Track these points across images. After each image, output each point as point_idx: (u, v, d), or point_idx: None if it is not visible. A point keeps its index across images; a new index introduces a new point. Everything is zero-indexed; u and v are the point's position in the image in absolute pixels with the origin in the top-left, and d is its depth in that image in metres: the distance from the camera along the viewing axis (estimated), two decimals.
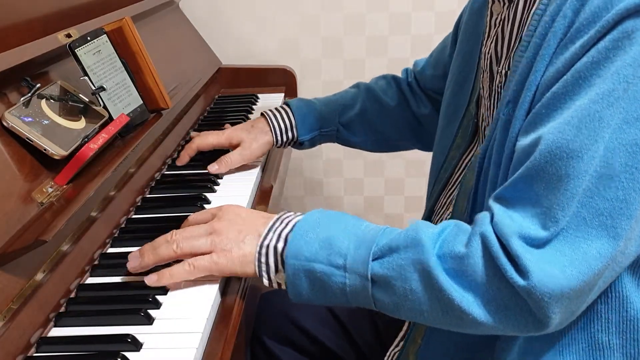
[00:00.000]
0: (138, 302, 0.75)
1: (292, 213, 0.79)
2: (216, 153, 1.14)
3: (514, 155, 0.69)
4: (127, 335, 0.69)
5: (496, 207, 0.67)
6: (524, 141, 0.67)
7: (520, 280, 0.62)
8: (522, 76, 0.69)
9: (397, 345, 0.95)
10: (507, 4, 0.78)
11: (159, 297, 0.76)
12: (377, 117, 1.18)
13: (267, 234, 0.76)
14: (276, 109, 1.17)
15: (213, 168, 1.09)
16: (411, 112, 1.18)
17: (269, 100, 1.59)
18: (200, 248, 0.76)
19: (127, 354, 0.67)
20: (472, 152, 0.90)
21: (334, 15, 1.78)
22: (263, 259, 0.75)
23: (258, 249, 0.75)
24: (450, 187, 0.92)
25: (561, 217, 0.62)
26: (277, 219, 0.78)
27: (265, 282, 0.76)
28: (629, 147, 0.61)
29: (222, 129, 1.18)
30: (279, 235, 0.75)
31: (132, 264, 0.78)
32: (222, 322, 0.75)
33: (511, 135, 0.69)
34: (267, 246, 0.75)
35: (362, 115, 1.18)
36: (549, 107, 0.65)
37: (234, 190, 1.06)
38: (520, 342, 0.74)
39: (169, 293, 0.78)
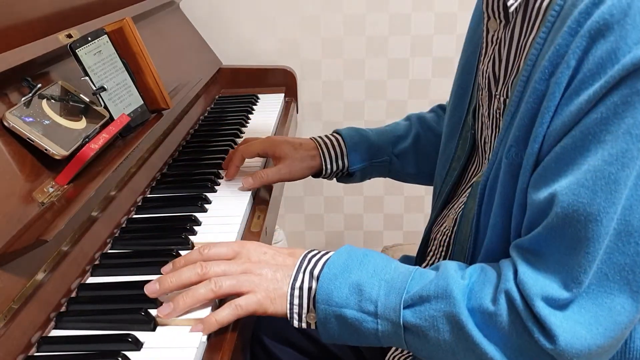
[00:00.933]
0: (139, 301, 0.75)
1: (317, 251, 0.78)
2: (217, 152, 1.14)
3: (526, 206, 0.69)
4: (128, 334, 0.69)
5: (519, 262, 0.67)
6: (536, 195, 0.66)
7: (547, 344, 0.63)
8: (523, 121, 0.68)
9: (396, 349, 0.95)
10: (503, 22, 0.77)
11: (161, 298, 0.76)
12: (431, 146, 1.10)
13: (296, 274, 0.75)
14: (326, 136, 1.11)
15: (247, 182, 1.04)
16: None
17: (269, 101, 1.59)
18: (241, 288, 0.74)
19: (127, 353, 0.67)
20: (474, 167, 0.89)
21: (334, 16, 1.78)
22: (296, 301, 0.74)
23: (289, 290, 0.74)
24: (452, 202, 0.92)
25: (584, 278, 0.62)
26: (304, 257, 0.77)
27: (296, 323, 0.75)
28: None
29: (255, 138, 1.14)
30: (311, 274, 0.75)
31: (163, 311, 0.73)
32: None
33: (521, 184, 0.69)
34: (300, 288, 0.74)
35: (416, 145, 1.12)
36: (558, 161, 0.64)
37: (234, 190, 1.06)
38: None
39: (169, 293, 0.78)
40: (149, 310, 0.73)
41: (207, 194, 1.03)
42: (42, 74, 0.91)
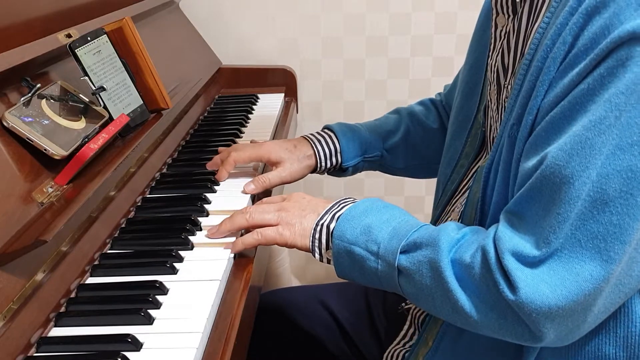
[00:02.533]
0: (138, 302, 0.75)
1: (351, 198, 0.86)
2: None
3: (518, 175, 0.71)
4: (127, 335, 0.69)
5: (501, 222, 0.70)
6: (526, 163, 0.69)
7: (510, 295, 0.66)
8: (524, 99, 0.70)
9: (398, 343, 0.95)
10: (511, 16, 0.79)
11: (159, 297, 0.76)
12: (421, 140, 1.15)
13: (324, 214, 0.84)
14: (318, 133, 1.13)
15: (249, 188, 1.05)
16: None
17: (269, 100, 1.59)
18: (269, 221, 0.86)
19: (127, 354, 0.67)
20: (480, 162, 0.90)
21: (334, 15, 1.78)
22: (317, 235, 0.83)
23: (314, 226, 0.83)
24: (457, 195, 0.92)
25: (553, 239, 0.64)
26: (337, 202, 0.86)
27: (317, 256, 0.84)
28: (624, 173, 0.62)
29: (254, 141, 1.14)
30: (333, 216, 0.83)
31: (211, 231, 0.90)
32: (222, 322, 0.75)
33: (516, 156, 0.71)
34: (322, 224, 0.83)
35: (406, 140, 1.15)
36: (547, 130, 0.67)
37: (234, 190, 1.06)
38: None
39: (170, 293, 0.78)
40: (149, 310, 0.73)
41: (206, 194, 1.03)
42: (41, 74, 0.91)
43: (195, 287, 0.79)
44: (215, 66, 1.65)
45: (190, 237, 0.90)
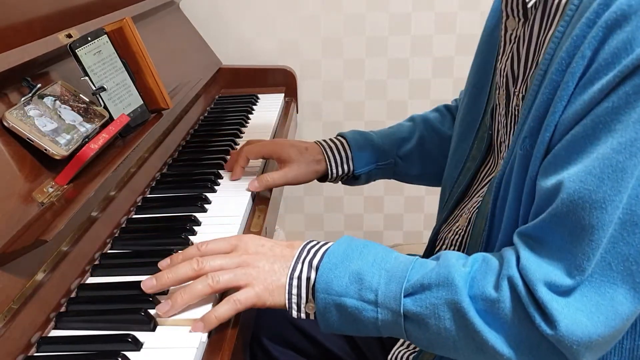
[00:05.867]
0: (139, 301, 0.75)
1: (316, 242, 0.78)
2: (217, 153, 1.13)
3: (535, 194, 0.69)
4: (128, 334, 0.69)
5: (522, 249, 0.67)
6: (545, 182, 0.66)
7: (548, 330, 0.63)
8: (538, 112, 0.68)
9: (402, 344, 0.95)
10: (522, 20, 0.77)
11: (160, 297, 0.76)
12: (436, 147, 1.11)
13: (295, 264, 0.75)
14: (331, 139, 1.10)
15: (253, 185, 1.04)
16: None
17: (269, 100, 1.59)
18: (238, 282, 0.74)
19: (127, 353, 0.67)
20: (488, 167, 0.89)
21: (334, 16, 1.78)
22: (294, 291, 0.74)
23: (289, 280, 0.74)
24: (466, 200, 0.91)
25: (587, 266, 0.62)
26: (303, 248, 0.77)
27: (295, 313, 0.75)
28: None
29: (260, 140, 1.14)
30: (310, 265, 0.74)
31: (147, 285, 0.75)
32: (222, 323, 0.75)
33: (531, 172, 0.69)
34: (299, 277, 0.74)
35: (421, 147, 1.11)
36: (568, 149, 0.64)
37: (234, 190, 1.06)
38: None
39: (169, 293, 0.78)
40: (149, 310, 0.73)
41: (206, 194, 1.03)
42: (41, 74, 0.91)
43: None
44: (215, 66, 1.65)
45: (191, 237, 0.90)
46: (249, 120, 1.44)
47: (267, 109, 1.53)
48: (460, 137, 0.95)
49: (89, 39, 0.95)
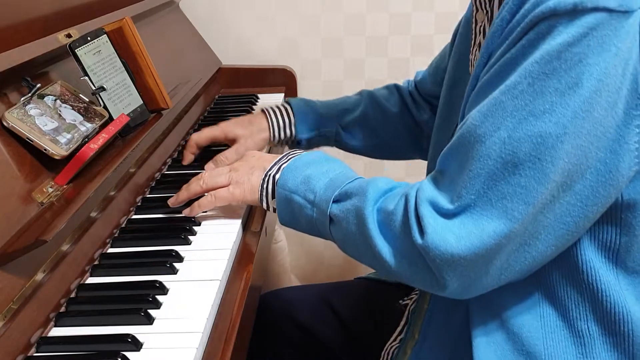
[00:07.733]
0: (138, 302, 0.75)
1: (299, 151, 0.90)
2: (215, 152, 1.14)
3: None
4: (127, 335, 0.69)
5: (427, 178, 0.75)
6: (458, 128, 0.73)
7: (418, 238, 0.70)
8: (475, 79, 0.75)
9: (394, 340, 0.95)
10: (488, 13, 0.81)
11: (159, 297, 0.76)
12: (378, 122, 1.18)
13: (272, 167, 0.89)
14: (276, 106, 1.18)
15: (209, 166, 1.10)
16: (412, 118, 1.19)
17: (269, 100, 1.59)
18: (222, 183, 0.92)
19: (127, 353, 0.67)
20: None
21: (334, 15, 1.78)
22: (265, 185, 0.88)
23: (263, 177, 0.88)
24: None
25: (464, 194, 0.69)
26: (284, 155, 0.90)
27: (264, 205, 0.89)
28: (534, 138, 0.65)
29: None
30: (279, 167, 0.88)
31: (170, 201, 0.96)
32: (222, 322, 0.75)
33: None
34: (269, 175, 0.88)
35: (363, 120, 1.18)
36: (477, 94, 0.72)
37: None
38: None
39: (169, 293, 0.78)
40: (149, 310, 0.73)
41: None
42: (41, 74, 0.91)
43: (195, 287, 0.79)
44: (215, 66, 1.64)
45: (190, 237, 0.90)
46: None
47: (267, 105, 1.53)
48: (440, 124, 0.99)
49: (89, 38, 0.95)
